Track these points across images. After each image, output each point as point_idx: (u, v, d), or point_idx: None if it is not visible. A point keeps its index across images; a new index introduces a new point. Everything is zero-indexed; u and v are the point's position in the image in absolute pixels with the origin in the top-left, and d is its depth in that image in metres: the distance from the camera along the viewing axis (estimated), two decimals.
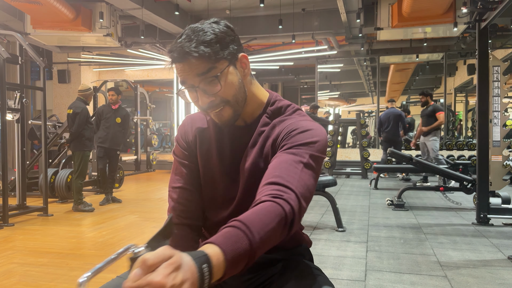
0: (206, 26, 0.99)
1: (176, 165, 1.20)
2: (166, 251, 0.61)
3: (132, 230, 4.30)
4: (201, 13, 9.29)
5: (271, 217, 0.79)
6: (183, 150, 1.19)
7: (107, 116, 5.88)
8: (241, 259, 0.72)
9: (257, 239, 0.74)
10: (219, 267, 0.67)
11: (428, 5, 6.76)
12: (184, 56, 0.97)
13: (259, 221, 0.77)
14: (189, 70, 0.98)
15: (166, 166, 11.10)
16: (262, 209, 0.80)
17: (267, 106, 1.12)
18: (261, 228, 0.76)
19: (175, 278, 0.59)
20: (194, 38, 0.97)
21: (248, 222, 0.75)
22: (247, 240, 0.73)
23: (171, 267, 0.59)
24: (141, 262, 0.59)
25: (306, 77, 14.53)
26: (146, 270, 0.59)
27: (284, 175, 0.90)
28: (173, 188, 1.18)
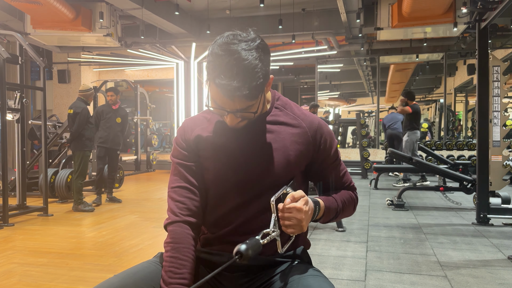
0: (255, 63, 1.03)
1: (175, 167, 1.21)
2: (301, 192, 1.06)
3: (132, 230, 4.30)
4: (201, 13, 9.29)
5: (349, 200, 1.27)
6: (183, 151, 1.20)
7: (108, 116, 5.87)
8: (331, 213, 1.19)
9: (340, 206, 1.22)
10: (322, 210, 1.15)
11: (428, 5, 6.76)
12: (234, 98, 1.03)
13: (344, 201, 1.24)
14: (232, 104, 1.06)
15: (166, 166, 11.10)
16: (347, 195, 1.27)
17: (274, 101, 1.22)
18: (344, 204, 1.24)
19: (306, 207, 1.05)
20: (247, 81, 1.02)
21: (336, 197, 1.22)
22: (336, 205, 1.20)
23: (304, 200, 1.05)
24: (291, 195, 1.04)
25: (306, 77, 14.53)
26: (293, 200, 1.04)
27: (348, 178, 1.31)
28: (172, 188, 1.18)
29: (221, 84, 1.02)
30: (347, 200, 1.25)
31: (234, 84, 1.01)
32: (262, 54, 1.06)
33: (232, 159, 1.15)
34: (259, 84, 1.04)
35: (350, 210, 1.27)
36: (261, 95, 1.09)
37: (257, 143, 1.15)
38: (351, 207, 1.28)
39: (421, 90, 16.22)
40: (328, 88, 14.10)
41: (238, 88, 1.01)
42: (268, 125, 1.18)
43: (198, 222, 1.17)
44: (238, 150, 1.15)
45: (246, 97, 1.03)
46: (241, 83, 1.01)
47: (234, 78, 1.01)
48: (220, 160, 1.16)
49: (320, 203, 1.13)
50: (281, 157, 1.14)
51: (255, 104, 1.08)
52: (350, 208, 1.27)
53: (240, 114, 1.09)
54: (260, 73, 1.04)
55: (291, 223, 1.03)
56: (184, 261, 1.09)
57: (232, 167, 1.15)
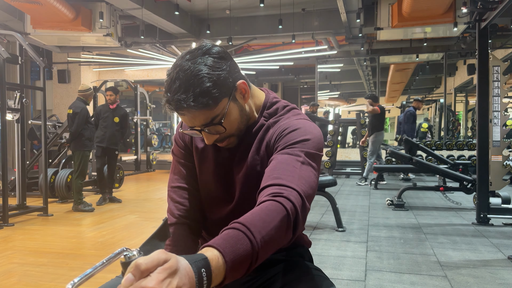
0: (198, 69, 0.93)
1: (175, 164, 1.21)
2: (160, 255, 0.58)
3: (132, 230, 4.30)
4: (201, 13, 9.29)
5: (272, 216, 0.76)
6: (181, 150, 1.20)
7: (105, 116, 5.88)
8: (243, 262, 0.68)
9: (258, 239, 0.70)
10: (219, 270, 0.64)
11: (428, 5, 6.76)
12: (185, 111, 0.95)
13: (260, 220, 0.73)
14: (192, 119, 0.97)
15: (166, 166, 11.10)
16: (262, 209, 0.77)
17: (264, 109, 1.11)
18: (262, 228, 0.72)
19: (170, 284, 0.56)
20: (190, 89, 0.92)
21: (247, 223, 0.72)
22: (248, 241, 0.69)
23: (166, 272, 0.56)
24: (134, 267, 0.56)
25: (306, 77, 14.52)
26: (139, 275, 0.56)
27: (282, 175, 0.87)
28: (172, 188, 1.18)
29: (168, 101, 0.94)
30: (270, 220, 0.75)
31: (178, 96, 0.92)
32: (211, 59, 0.95)
33: (215, 175, 1.13)
34: (206, 90, 0.92)
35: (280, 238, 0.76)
36: (227, 104, 0.98)
37: (236, 159, 1.10)
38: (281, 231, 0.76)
39: (421, 90, 16.23)
40: (328, 88, 14.10)
41: (184, 99, 0.91)
42: (249, 138, 1.08)
43: (197, 223, 1.17)
44: (222, 165, 1.13)
45: (195, 107, 0.92)
46: (184, 94, 0.91)
47: (178, 90, 0.92)
48: (206, 174, 1.15)
49: (210, 262, 0.63)
50: (252, 172, 1.06)
51: (218, 115, 0.97)
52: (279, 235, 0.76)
53: (211, 130, 1.00)
54: (205, 78, 0.92)
55: None
56: None
57: (215, 182, 1.13)
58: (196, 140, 1.17)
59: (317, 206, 5.31)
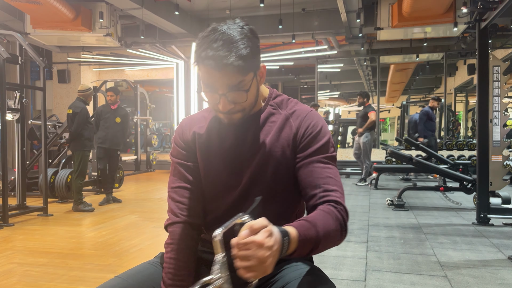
0: (239, 35, 1.01)
1: (174, 166, 1.21)
2: (264, 221, 0.82)
3: (132, 230, 4.30)
4: (201, 13, 9.29)
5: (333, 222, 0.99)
6: (181, 150, 1.20)
7: (106, 116, 5.87)
8: (308, 243, 0.91)
9: (321, 233, 0.93)
10: (294, 242, 0.88)
11: (428, 5, 6.76)
12: (222, 68, 0.99)
13: (324, 222, 0.96)
14: (221, 79, 1.01)
15: (166, 166, 11.09)
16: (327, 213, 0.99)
17: (269, 99, 1.18)
18: (323, 227, 0.95)
19: (269, 241, 0.80)
20: (233, 50, 0.99)
21: (313, 221, 0.95)
22: (315, 231, 0.93)
23: (267, 232, 0.80)
24: (249, 226, 0.81)
25: (306, 77, 14.53)
26: (251, 232, 0.80)
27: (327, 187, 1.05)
28: (172, 188, 1.18)
29: (207, 57, 0.99)
30: (330, 224, 0.98)
31: (220, 53, 0.98)
32: (248, 33, 1.03)
33: (222, 160, 1.14)
34: (245, 55, 0.99)
35: (335, 238, 1.00)
36: (252, 78, 1.05)
37: (246, 144, 1.13)
38: (336, 234, 0.99)
39: (421, 90, 16.24)
40: (328, 88, 14.11)
41: (225, 56, 0.98)
42: (260, 124, 1.14)
43: (198, 222, 1.17)
44: (228, 151, 1.14)
45: (234, 66, 0.99)
46: (227, 52, 0.98)
47: (220, 49, 0.99)
48: (211, 161, 1.16)
49: (289, 234, 0.87)
50: (268, 158, 1.11)
51: (245, 82, 1.03)
52: (335, 236, 0.99)
53: (231, 97, 1.04)
54: (247, 45, 1.00)
55: (250, 264, 0.79)
56: (184, 263, 1.09)
57: (222, 167, 1.14)
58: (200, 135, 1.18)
59: None
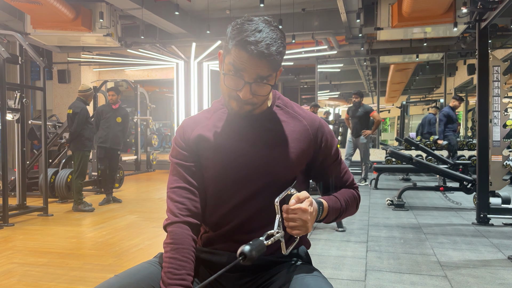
0: (279, 33, 1.08)
1: (174, 167, 1.21)
2: (306, 193, 1.07)
3: (132, 230, 4.30)
4: (201, 13, 9.29)
5: (352, 198, 1.28)
6: (181, 151, 1.20)
7: (107, 116, 5.87)
8: (335, 213, 1.20)
9: (343, 206, 1.23)
10: (325, 210, 1.16)
11: (428, 5, 6.76)
12: (263, 56, 1.04)
13: (346, 199, 1.25)
14: (255, 67, 1.06)
15: (166, 166, 11.09)
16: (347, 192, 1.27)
17: (275, 100, 1.23)
18: (346, 202, 1.24)
19: (310, 208, 1.05)
20: (275, 44, 1.05)
21: (339, 197, 1.23)
22: (340, 204, 1.21)
23: (309, 201, 1.05)
24: (297, 196, 1.05)
25: (306, 77, 14.53)
26: (298, 201, 1.04)
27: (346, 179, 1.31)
28: (171, 189, 1.19)
29: (253, 42, 1.03)
30: (350, 199, 1.26)
31: (267, 42, 1.04)
32: (283, 36, 1.10)
33: (232, 158, 1.15)
34: (281, 53, 1.07)
35: (353, 209, 1.29)
36: (275, 74, 1.11)
37: (257, 141, 1.15)
38: (354, 205, 1.29)
39: (421, 90, 16.22)
40: (328, 88, 14.10)
41: (270, 46, 1.04)
42: (268, 123, 1.18)
43: (197, 222, 1.17)
44: (238, 148, 1.15)
45: (273, 59, 1.05)
46: (272, 43, 1.04)
47: (266, 39, 1.04)
48: (220, 159, 1.16)
49: (323, 204, 1.15)
50: (281, 155, 1.14)
51: (272, 77, 1.10)
52: (353, 207, 1.29)
53: (255, 88, 1.08)
54: (283, 45, 1.08)
55: (297, 224, 1.03)
56: (183, 262, 1.09)
57: (232, 165, 1.15)
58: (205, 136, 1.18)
59: None
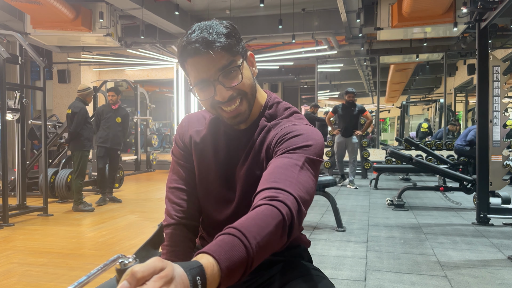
0: (216, 23, 1.00)
1: (174, 165, 1.21)
2: (156, 262, 0.56)
3: (132, 230, 4.30)
4: (201, 13, 9.29)
5: (268, 221, 0.75)
6: (180, 150, 1.19)
7: (107, 116, 5.88)
8: (237, 268, 0.67)
9: (253, 245, 0.70)
10: (214, 278, 0.63)
11: (428, 5, 6.76)
12: (208, 46, 0.96)
13: (255, 226, 0.72)
14: (209, 63, 0.97)
15: (166, 166, 11.09)
16: (257, 213, 0.76)
17: (265, 109, 1.11)
18: (257, 233, 0.71)
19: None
20: (213, 31, 0.97)
21: (243, 228, 0.71)
22: (243, 247, 0.69)
23: (162, 280, 0.54)
24: (130, 275, 0.54)
25: (306, 77, 14.52)
26: (134, 283, 0.54)
27: (279, 179, 0.86)
28: (170, 189, 1.19)
29: (190, 43, 0.96)
30: (265, 225, 0.74)
31: (203, 35, 0.96)
32: (227, 23, 1.02)
33: (215, 172, 1.13)
34: (226, 34, 0.98)
35: (274, 242, 0.75)
36: (242, 61, 1.02)
37: (238, 158, 1.10)
38: (275, 236, 0.75)
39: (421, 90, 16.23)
40: (328, 88, 14.10)
41: (208, 37, 0.96)
42: (251, 138, 1.09)
43: (195, 223, 1.17)
44: (222, 163, 1.12)
45: (219, 44, 0.96)
46: (208, 34, 0.97)
47: (201, 34, 0.97)
48: (205, 170, 1.15)
49: (205, 269, 0.62)
50: (253, 173, 1.06)
51: (236, 62, 1.00)
52: (274, 240, 0.75)
53: (226, 81, 0.99)
54: (225, 28, 0.99)
55: None
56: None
57: (214, 179, 1.13)
58: (196, 141, 1.17)
59: (317, 206, 5.31)
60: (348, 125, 7.13)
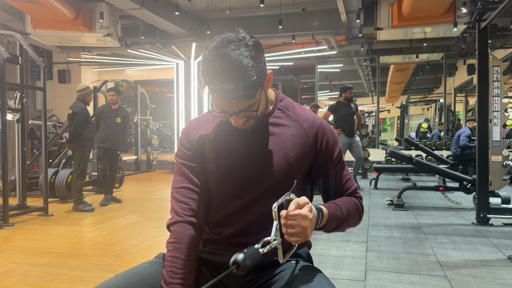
0: (246, 61, 1.02)
1: (179, 167, 1.22)
2: (306, 199, 1.01)
3: (132, 230, 4.30)
4: (201, 13, 9.29)
5: (354, 207, 1.20)
6: (186, 151, 1.20)
7: (107, 116, 5.88)
8: (334, 221, 1.12)
9: (345, 215, 1.15)
10: (325, 218, 1.09)
11: (428, 5, 6.76)
12: (231, 100, 1.04)
13: (347, 208, 1.17)
14: (231, 107, 1.07)
15: (166, 166, 11.10)
16: (349, 201, 1.20)
17: (277, 102, 1.22)
18: (347, 211, 1.17)
19: (310, 214, 0.99)
20: (240, 80, 1.01)
21: (342, 206, 1.16)
22: (341, 212, 1.14)
23: (309, 207, 0.99)
24: (296, 202, 0.99)
25: (306, 77, 14.52)
26: (298, 206, 0.98)
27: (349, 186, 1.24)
28: (176, 189, 1.19)
29: (216, 89, 1.03)
30: (352, 208, 1.18)
31: (228, 86, 1.01)
32: (253, 51, 1.05)
33: (233, 162, 1.16)
34: (253, 82, 1.03)
35: (355, 219, 1.20)
36: (260, 92, 1.09)
37: (258, 146, 1.16)
38: (356, 216, 1.20)
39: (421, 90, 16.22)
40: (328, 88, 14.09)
41: (233, 90, 1.01)
42: (270, 127, 1.18)
43: (201, 222, 1.17)
44: (239, 152, 1.16)
45: (243, 98, 1.03)
46: (234, 85, 1.01)
47: (227, 81, 1.01)
48: (221, 163, 1.17)
49: (323, 210, 1.08)
50: (281, 159, 1.14)
51: (255, 102, 1.08)
52: (355, 217, 1.20)
53: (243, 114, 1.09)
54: (253, 71, 1.03)
55: (296, 231, 0.98)
56: (185, 262, 1.09)
57: (232, 169, 1.16)
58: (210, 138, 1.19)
59: None
60: (350, 124, 6.86)
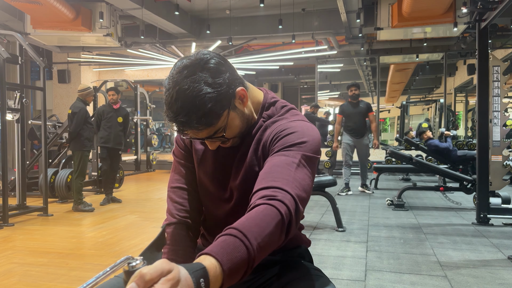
0: (198, 88, 0.92)
1: (175, 165, 1.22)
2: (164, 265, 0.58)
3: (132, 230, 4.30)
4: (201, 13, 9.29)
5: (267, 221, 0.76)
6: (181, 150, 1.21)
7: (109, 116, 5.87)
8: (239, 269, 0.69)
9: (254, 246, 0.71)
10: (217, 279, 0.65)
11: (428, 5, 6.76)
12: (189, 130, 0.97)
13: (255, 226, 0.74)
14: (195, 135, 1.00)
15: (166, 166, 11.10)
16: (257, 213, 0.77)
17: (262, 110, 1.11)
18: (258, 234, 0.73)
19: None
20: (193, 111, 0.92)
21: (244, 229, 0.72)
22: (245, 248, 0.70)
23: (169, 283, 0.56)
24: (138, 277, 0.56)
25: (306, 77, 14.52)
26: (143, 285, 0.56)
27: (276, 178, 0.86)
28: (172, 188, 1.19)
29: (171, 119, 0.95)
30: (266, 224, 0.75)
31: (180, 119, 0.93)
32: (211, 74, 0.94)
33: (213, 171, 1.14)
34: (208, 112, 0.93)
35: (274, 238, 0.77)
36: (228, 115, 0.99)
37: (235, 156, 1.11)
38: (276, 233, 0.77)
39: (421, 90, 16.22)
40: (328, 88, 14.09)
41: (186, 122, 0.94)
42: (250, 140, 1.09)
43: (196, 223, 1.18)
44: (220, 165, 1.14)
45: (198, 129, 0.95)
46: (187, 117, 0.93)
47: (179, 113, 0.93)
48: (203, 171, 1.16)
49: (207, 272, 0.64)
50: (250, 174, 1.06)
51: (220, 128, 0.99)
52: (274, 235, 0.76)
53: (212, 140, 1.04)
54: (207, 99, 0.92)
55: None
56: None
57: (212, 179, 1.14)
58: (196, 141, 1.18)
59: (317, 206, 5.31)
60: (358, 124, 6.32)
